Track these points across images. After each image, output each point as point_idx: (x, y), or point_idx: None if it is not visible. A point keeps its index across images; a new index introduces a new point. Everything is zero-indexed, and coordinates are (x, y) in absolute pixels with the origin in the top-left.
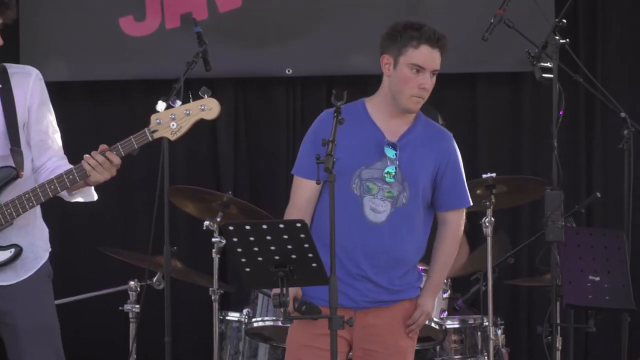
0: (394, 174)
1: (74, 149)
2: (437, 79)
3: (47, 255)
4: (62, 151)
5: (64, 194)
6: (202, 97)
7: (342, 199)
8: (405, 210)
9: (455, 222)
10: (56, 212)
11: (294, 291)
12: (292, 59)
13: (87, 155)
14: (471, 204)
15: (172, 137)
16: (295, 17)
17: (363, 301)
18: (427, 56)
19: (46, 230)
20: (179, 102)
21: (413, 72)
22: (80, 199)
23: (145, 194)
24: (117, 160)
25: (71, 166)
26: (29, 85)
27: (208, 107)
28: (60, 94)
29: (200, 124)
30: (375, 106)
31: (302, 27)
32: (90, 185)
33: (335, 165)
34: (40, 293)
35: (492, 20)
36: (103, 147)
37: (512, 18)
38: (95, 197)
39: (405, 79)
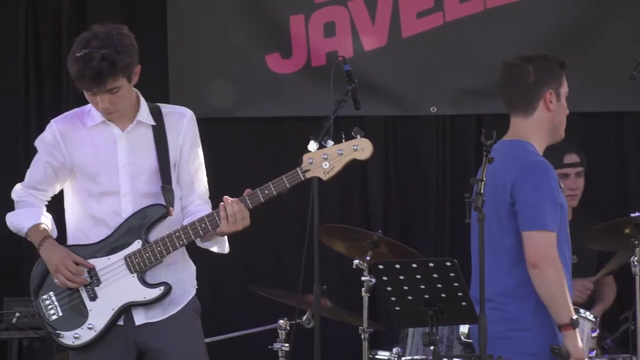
0: None
1: (224, 186)
2: (585, 117)
3: (194, 292)
4: (207, 194)
5: (198, 239)
6: (355, 137)
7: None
8: None
9: None
10: (205, 249)
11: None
12: (437, 96)
13: (226, 198)
14: None
15: (325, 177)
16: (439, 55)
17: None
18: None
19: (193, 267)
20: (331, 142)
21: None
22: (214, 249)
23: (295, 232)
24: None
25: (210, 211)
26: (182, 126)
27: (361, 147)
28: (210, 131)
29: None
30: (538, 145)
31: (447, 65)
32: (221, 235)
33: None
34: (188, 328)
35: None
36: (247, 191)
37: None
38: (227, 249)
39: (565, 109)
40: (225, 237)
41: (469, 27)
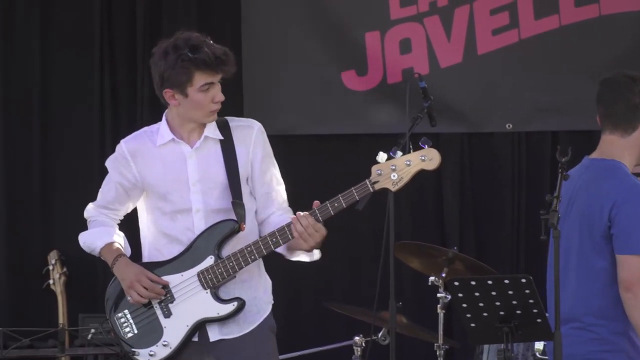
0: None
1: (299, 202)
2: None
3: (269, 308)
4: (286, 203)
5: (284, 252)
6: (423, 148)
7: None
8: None
9: None
10: (280, 265)
11: None
12: (512, 113)
13: (294, 217)
14: None
15: (393, 188)
16: (514, 72)
17: None
18: None
19: (269, 283)
20: (399, 153)
21: None
22: (303, 258)
23: (370, 249)
24: (318, 227)
25: (289, 221)
26: (251, 139)
27: (428, 158)
28: (285, 147)
29: (426, 179)
30: (628, 165)
31: (522, 82)
32: (307, 250)
33: None
34: (263, 346)
35: None
36: (315, 203)
37: None
38: (317, 256)
39: None
40: None
41: (543, 44)
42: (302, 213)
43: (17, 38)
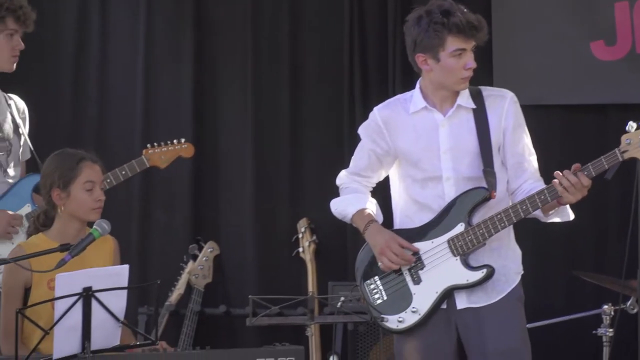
0: None
1: (549, 170)
2: None
3: (518, 279)
4: (537, 173)
5: (539, 214)
6: None
7: None
8: None
9: None
10: (530, 234)
11: None
12: None
13: (559, 174)
14: None
15: None
16: None
17: None
18: None
19: (519, 252)
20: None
21: None
22: (557, 219)
23: (619, 216)
24: (586, 182)
25: (545, 186)
26: (503, 108)
27: None
28: (535, 117)
29: None
30: None
31: None
32: (564, 205)
33: None
34: (510, 317)
35: None
36: (576, 166)
37: None
38: (572, 216)
39: None
40: (567, 206)
41: None
42: (566, 171)
43: (266, 19)
